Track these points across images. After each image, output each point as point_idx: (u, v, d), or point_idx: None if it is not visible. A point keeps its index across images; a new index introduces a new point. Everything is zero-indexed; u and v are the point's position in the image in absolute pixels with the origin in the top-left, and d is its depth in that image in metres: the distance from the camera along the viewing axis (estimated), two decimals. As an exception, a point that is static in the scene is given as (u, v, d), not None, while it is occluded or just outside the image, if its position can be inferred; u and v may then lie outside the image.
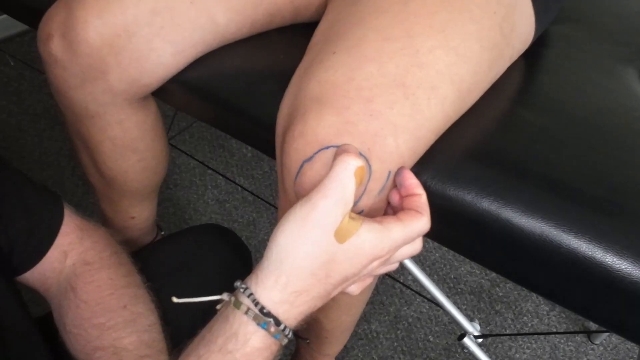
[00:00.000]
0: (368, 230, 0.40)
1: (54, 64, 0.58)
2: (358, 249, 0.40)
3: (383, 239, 0.40)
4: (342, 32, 0.48)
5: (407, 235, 0.42)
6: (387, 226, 0.40)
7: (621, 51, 0.65)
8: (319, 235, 0.39)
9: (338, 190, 0.38)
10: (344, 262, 0.40)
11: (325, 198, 0.38)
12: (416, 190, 0.43)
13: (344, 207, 0.39)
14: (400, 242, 0.42)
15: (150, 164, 0.70)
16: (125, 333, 0.51)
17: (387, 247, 0.41)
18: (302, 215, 0.39)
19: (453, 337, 1.08)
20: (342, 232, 0.39)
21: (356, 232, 0.39)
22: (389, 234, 0.40)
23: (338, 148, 0.42)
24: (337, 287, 0.42)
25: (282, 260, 0.39)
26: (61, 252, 0.54)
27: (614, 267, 0.44)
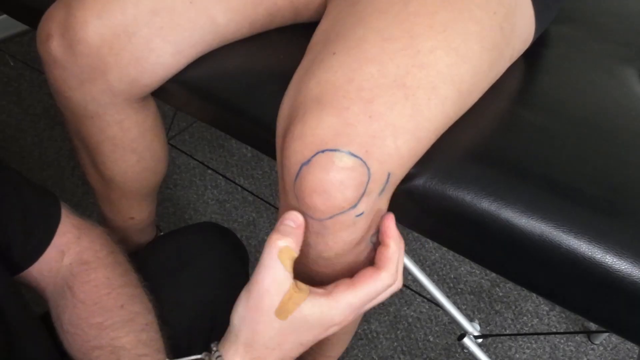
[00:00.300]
0: (312, 305, 0.43)
1: (54, 64, 0.58)
2: (303, 322, 0.43)
3: (330, 310, 0.43)
4: (342, 32, 0.48)
5: (362, 298, 0.44)
6: (336, 297, 0.43)
7: (621, 51, 0.65)
8: (261, 315, 0.43)
9: (268, 274, 0.42)
10: (292, 333, 0.44)
11: (257, 284, 0.43)
12: (386, 239, 0.45)
13: (277, 288, 0.42)
14: (357, 305, 0.44)
15: (150, 164, 0.70)
16: (123, 332, 0.51)
17: (338, 314, 0.43)
18: (246, 297, 0.44)
19: (453, 337, 1.08)
20: (282, 310, 0.42)
21: (298, 308, 0.42)
22: (336, 304, 0.43)
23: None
24: (297, 350, 0.45)
25: (238, 332, 0.44)
26: (58, 251, 0.54)
27: (613, 267, 0.44)
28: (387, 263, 0.45)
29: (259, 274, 0.43)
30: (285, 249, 0.42)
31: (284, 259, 0.42)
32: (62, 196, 1.24)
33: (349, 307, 0.44)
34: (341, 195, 0.43)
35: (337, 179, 0.42)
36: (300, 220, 0.44)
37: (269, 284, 0.42)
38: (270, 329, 0.43)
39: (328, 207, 0.43)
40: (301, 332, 0.44)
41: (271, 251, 0.43)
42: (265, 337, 0.44)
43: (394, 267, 0.45)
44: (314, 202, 0.43)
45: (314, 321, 0.43)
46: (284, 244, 0.43)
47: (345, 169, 0.42)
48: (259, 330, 0.44)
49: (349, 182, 0.42)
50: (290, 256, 0.43)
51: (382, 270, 0.44)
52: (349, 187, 0.43)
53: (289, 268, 0.43)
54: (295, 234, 0.44)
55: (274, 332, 0.44)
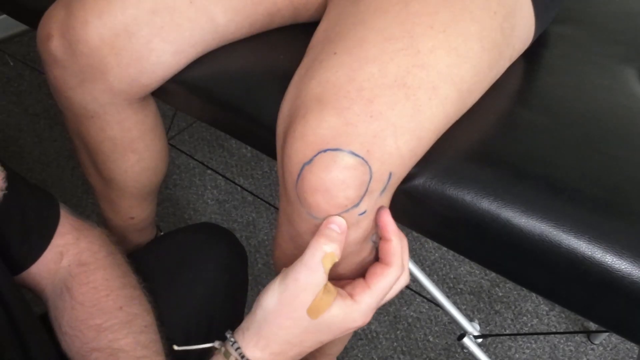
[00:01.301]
0: (339, 307, 0.44)
1: (54, 63, 0.58)
2: (329, 322, 0.45)
3: (352, 313, 0.45)
4: (342, 32, 0.48)
5: (379, 295, 0.46)
6: (358, 299, 0.45)
7: (621, 51, 0.65)
8: (293, 312, 0.44)
9: (308, 275, 0.43)
10: (317, 332, 0.45)
11: (296, 281, 0.44)
12: (386, 234, 0.46)
13: (313, 289, 0.44)
14: (374, 304, 0.46)
15: (150, 164, 0.70)
16: (122, 334, 0.51)
17: (360, 316, 0.45)
18: (280, 291, 0.45)
19: (453, 337, 1.08)
20: (314, 310, 0.44)
21: (328, 308, 0.44)
22: (358, 307, 0.45)
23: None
24: (314, 347, 0.47)
25: (263, 325, 0.45)
26: (57, 252, 0.54)
27: (613, 267, 0.44)
28: (392, 257, 0.46)
29: (299, 273, 0.44)
30: (330, 254, 0.44)
31: (326, 263, 0.44)
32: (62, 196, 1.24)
33: (367, 307, 0.45)
34: (343, 194, 0.43)
35: (339, 178, 0.42)
36: (345, 226, 0.45)
37: (306, 283, 0.43)
38: (298, 326, 0.44)
39: (331, 207, 0.43)
40: (324, 332, 0.46)
41: (315, 254, 0.44)
42: (290, 333, 0.45)
43: (399, 260, 0.46)
44: (317, 202, 0.43)
45: (339, 322, 0.45)
46: (330, 250, 0.44)
47: (347, 169, 0.42)
48: (285, 325, 0.44)
49: (351, 182, 0.42)
50: (332, 261, 0.44)
51: (390, 265, 0.46)
52: (351, 186, 0.43)
53: (327, 272, 0.44)
54: (340, 240, 0.44)
55: (300, 329, 0.45)
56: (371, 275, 0.46)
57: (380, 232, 0.46)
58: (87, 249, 0.56)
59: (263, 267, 1.15)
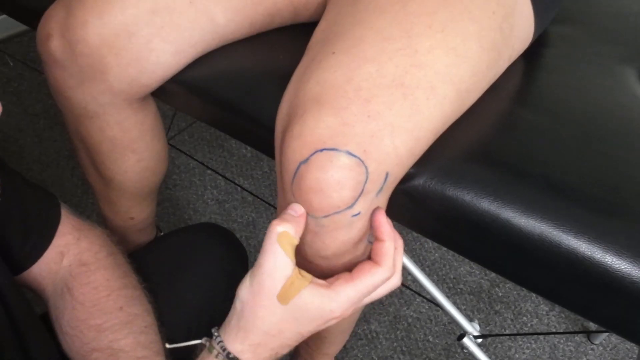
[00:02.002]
0: (311, 294, 0.43)
1: (53, 64, 0.58)
2: (302, 309, 0.44)
3: (330, 302, 0.44)
4: (341, 32, 0.48)
5: (361, 291, 0.45)
6: (336, 289, 0.44)
7: (620, 51, 0.65)
8: (264, 299, 0.44)
9: (269, 258, 0.43)
10: (292, 321, 0.44)
11: (259, 268, 0.44)
12: (379, 234, 0.45)
13: (279, 273, 0.43)
14: (356, 299, 0.45)
15: (150, 164, 0.70)
16: (122, 335, 0.51)
17: (338, 306, 0.44)
18: (251, 280, 0.44)
19: (452, 337, 1.08)
20: (282, 295, 0.43)
21: (299, 294, 0.43)
22: (336, 296, 0.44)
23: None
24: (295, 339, 0.46)
25: (241, 317, 0.45)
26: (58, 252, 0.54)
27: (613, 267, 0.44)
28: (383, 258, 0.45)
29: (262, 258, 0.44)
30: (284, 233, 0.43)
31: (283, 244, 0.43)
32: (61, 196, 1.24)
33: (348, 300, 0.44)
34: (338, 194, 0.43)
35: (334, 178, 0.42)
36: (302, 211, 0.44)
37: (270, 268, 0.43)
38: (272, 314, 0.44)
39: (324, 206, 0.43)
40: (301, 321, 0.45)
41: (270, 236, 0.43)
42: (266, 322, 0.44)
43: (390, 261, 0.45)
44: (311, 201, 0.43)
45: (314, 310, 0.44)
46: (282, 229, 0.43)
47: (343, 169, 0.42)
48: (260, 314, 0.44)
49: (347, 182, 0.42)
50: (289, 242, 0.43)
51: (379, 265, 0.45)
52: (346, 186, 0.43)
53: (290, 254, 0.43)
54: (296, 221, 0.44)
55: (275, 317, 0.44)
56: (358, 270, 0.45)
57: (374, 233, 0.46)
58: (88, 249, 0.56)
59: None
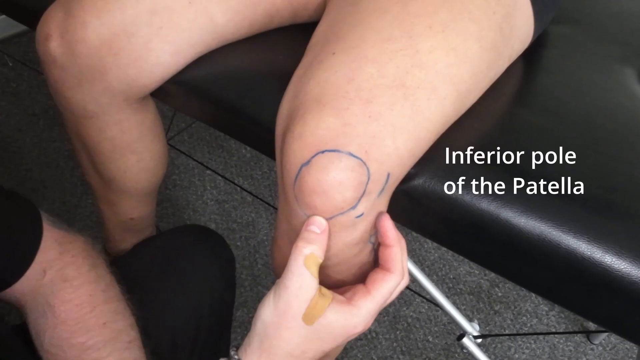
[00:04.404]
0: (335, 312, 0.44)
1: (53, 64, 0.58)
2: (327, 329, 0.44)
3: (352, 318, 0.44)
4: (341, 32, 0.48)
5: (379, 301, 0.45)
6: (356, 304, 0.45)
7: (620, 51, 0.65)
8: (289, 321, 0.44)
9: (296, 281, 0.43)
10: (317, 340, 0.45)
11: (286, 289, 0.44)
12: (386, 240, 0.46)
13: (304, 294, 0.43)
14: (375, 310, 0.45)
15: (149, 164, 0.70)
16: (106, 352, 0.51)
17: (361, 321, 0.45)
18: (275, 302, 0.44)
19: (452, 337, 1.08)
20: (309, 316, 0.43)
21: (322, 313, 0.43)
22: (358, 311, 0.45)
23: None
24: (317, 357, 0.46)
25: (263, 339, 0.45)
26: (40, 269, 0.53)
27: (613, 267, 0.44)
28: (393, 264, 0.45)
29: (288, 280, 0.44)
30: (311, 255, 0.44)
31: (309, 265, 0.43)
32: (61, 196, 1.24)
33: (368, 313, 0.45)
34: (340, 196, 0.43)
35: (336, 179, 0.42)
36: (325, 225, 0.44)
37: (296, 289, 0.43)
38: (297, 335, 0.44)
39: (327, 208, 0.43)
40: (325, 339, 0.45)
41: (297, 258, 0.44)
42: (291, 343, 0.44)
43: (400, 266, 0.46)
44: (314, 203, 0.43)
45: (338, 328, 0.44)
46: (309, 251, 0.44)
47: (345, 170, 0.42)
48: (284, 336, 0.44)
49: (349, 183, 0.42)
50: (315, 262, 0.44)
51: (391, 272, 0.45)
52: (348, 187, 0.43)
53: (315, 274, 0.44)
54: (320, 240, 0.44)
55: (299, 339, 0.44)
56: (372, 281, 0.46)
57: (381, 239, 0.46)
58: (71, 262, 0.54)
59: (263, 267, 1.15)
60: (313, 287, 0.44)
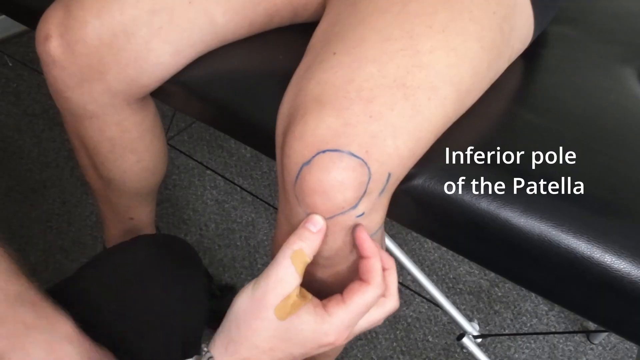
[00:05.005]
0: (308, 312, 0.43)
1: (52, 64, 0.58)
2: (298, 329, 0.43)
3: (323, 324, 0.43)
4: (342, 32, 0.48)
5: (354, 311, 0.44)
6: (330, 311, 0.44)
7: (620, 51, 0.65)
8: (262, 310, 0.43)
9: (278, 272, 0.43)
10: (286, 340, 0.44)
11: (267, 279, 0.43)
12: (363, 252, 0.45)
13: (283, 286, 0.43)
14: (348, 321, 0.44)
15: (149, 164, 0.70)
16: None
17: (332, 330, 0.43)
18: (253, 290, 0.44)
19: (452, 337, 1.08)
20: (281, 309, 0.43)
21: (297, 312, 0.43)
22: (329, 319, 0.43)
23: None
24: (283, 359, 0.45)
25: (232, 327, 0.44)
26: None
27: (612, 267, 0.44)
28: (370, 275, 0.44)
29: (271, 270, 0.43)
30: (299, 251, 0.43)
31: (295, 261, 0.43)
32: (61, 197, 1.24)
33: (341, 323, 0.44)
34: (341, 195, 0.43)
35: (337, 179, 0.42)
36: (322, 225, 0.44)
37: (276, 281, 0.43)
38: (267, 328, 0.43)
39: (328, 208, 0.43)
40: (294, 341, 0.44)
41: (285, 251, 0.43)
42: (260, 336, 0.43)
43: (378, 278, 0.44)
44: (315, 203, 0.43)
45: (308, 331, 0.43)
46: (298, 247, 0.43)
47: (346, 170, 0.42)
48: (254, 326, 0.43)
49: (349, 183, 0.42)
50: (302, 259, 0.44)
51: (368, 282, 0.44)
52: (349, 187, 0.43)
53: (300, 271, 0.43)
54: (313, 239, 0.44)
55: (269, 332, 0.43)
56: (348, 290, 0.44)
57: (359, 250, 0.46)
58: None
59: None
60: (294, 282, 0.43)
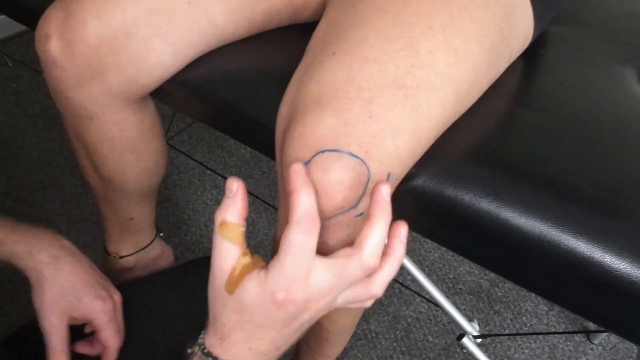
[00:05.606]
0: (251, 277, 0.40)
1: (52, 64, 0.58)
2: (244, 296, 0.40)
3: (267, 281, 0.39)
4: (342, 32, 0.48)
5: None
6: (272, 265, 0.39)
7: (620, 51, 0.65)
8: (215, 293, 0.42)
9: (215, 252, 0.42)
10: (241, 312, 0.41)
11: (212, 263, 0.42)
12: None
13: (222, 263, 0.41)
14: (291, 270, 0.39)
15: (149, 164, 0.70)
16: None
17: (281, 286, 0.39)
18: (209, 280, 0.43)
19: (452, 337, 1.08)
20: (229, 285, 0.42)
21: (243, 280, 0.41)
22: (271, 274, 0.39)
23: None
24: (260, 333, 0.42)
25: (211, 316, 0.44)
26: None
27: (612, 267, 0.44)
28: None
29: (212, 254, 0.42)
30: (223, 223, 0.40)
31: (225, 233, 0.40)
32: (61, 196, 1.24)
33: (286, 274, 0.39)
34: (341, 195, 0.43)
35: (337, 179, 0.42)
36: (235, 187, 0.40)
37: (218, 261, 0.41)
38: (223, 306, 0.42)
39: (328, 208, 0.43)
40: (250, 312, 0.41)
41: (215, 229, 0.41)
42: (222, 316, 0.42)
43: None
44: None
45: (255, 297, 0.40)
46: (221, 219, 0.40)
47: (346, 169, 0.42)
48: (216, 309, 0.43)
49: (349, 183, 0.42)
50: (232, 229, 0.40)
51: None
52: (349, 187, 0.43)
53: (236, 240, 0.40)
54: (232, 204, 0.40)
55: (226, 310, 0.42)
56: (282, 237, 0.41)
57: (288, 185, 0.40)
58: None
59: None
60: (233, 254, 0.40)
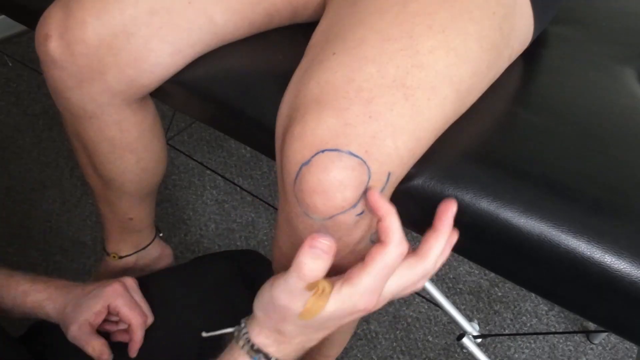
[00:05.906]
0: (334, 301, 0.42)
1: (52, 64, 0.58)
2: (328, 317, 0.43)
3: (350, 298, 0.42)
4: (341, 32, 0.48)
5: (377, 274, 0.42)
6: (354, 281, 0.42)
7: (620, 51, 0.65)
8: (285, 316, 0.43)
9: (290, 299, 0.42)
10: (317, 326, 0.45)
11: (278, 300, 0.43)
12: (379, 212, 0.43)
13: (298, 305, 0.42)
14: (374, 285, 0.43)
15: (149, 164, 0.70)
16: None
17: (361, 300, 0.43)
18: (269, 293, 0.44)
19: (452, 337, 1.08)
20: (305, 315, 0.42)
21: (321, 311, 0.42)
22: (355, 290, 0.42)
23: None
24: (322, 334, 0.46)
25: (261, 321, 0.45)
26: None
27: (612, 267, 0.44)
28: (388, 234, 0.42)
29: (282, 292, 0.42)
30: (314, 283, 0.42)
31: (310, 287, 0.42)
32: (61, 196, 1.24)
33: (365, 289, 0.42)
34: (341, 195, 0.43)
35: (337, 179, 0.42)
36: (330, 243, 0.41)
37: (286, 306, 0.43)
38: (295, 326, 0.44)
39: (328, 208, 0.43)
40: (327, 325, 0.45)
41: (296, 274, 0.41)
42: (285, 326, 0.44)
43: (397, 235, 0.42)
44: (314, 203, 0.43)
45: (338, 313, 0.43)
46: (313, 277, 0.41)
47: (346, 169, 0.42)
48: (282, 327, 0.44)
49: (349, 182, 0.42)
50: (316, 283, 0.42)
51: (387, 243, 0.42)
52: (349, 187, 0.43)
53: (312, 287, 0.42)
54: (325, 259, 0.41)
55: (299, 328, 0.44)
56: (368, 254, 0.43)
57: (373, 211, 0.44)
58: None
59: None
60: (307, 295, 0.42)
